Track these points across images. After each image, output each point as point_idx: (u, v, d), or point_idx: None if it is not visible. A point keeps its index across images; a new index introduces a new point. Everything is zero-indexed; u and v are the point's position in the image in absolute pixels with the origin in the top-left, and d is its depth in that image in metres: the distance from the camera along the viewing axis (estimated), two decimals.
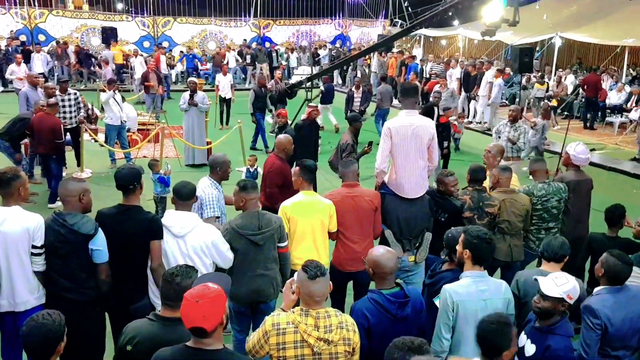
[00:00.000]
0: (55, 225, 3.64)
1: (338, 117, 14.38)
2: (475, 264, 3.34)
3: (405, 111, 4.69)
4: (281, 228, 4.16)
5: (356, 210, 4.52)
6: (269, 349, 2.77)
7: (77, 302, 3.66)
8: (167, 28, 24.61)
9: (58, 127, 8.07)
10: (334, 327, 2.75)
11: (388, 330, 3.02)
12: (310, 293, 2.76)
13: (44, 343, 2.48)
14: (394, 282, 3.21)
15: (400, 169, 4.64)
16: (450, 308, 3.23)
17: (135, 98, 14.80)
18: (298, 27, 27.08)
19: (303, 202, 4.46)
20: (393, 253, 3.27)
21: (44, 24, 22.68)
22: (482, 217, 4.86)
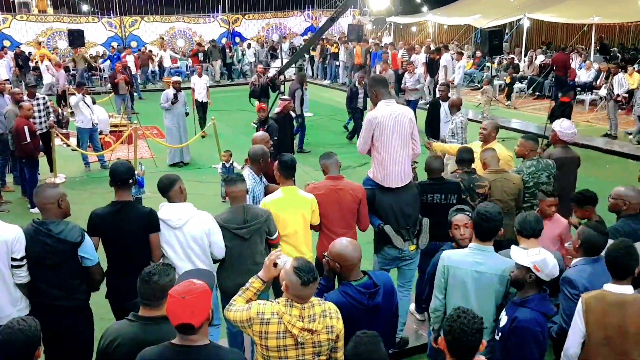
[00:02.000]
0: (39, 236, 3.54)
1: (341, 114, 14.25)
2: (477, 237, 3.52)
3: (383, 101, 4.67)
4: (269, 220, 4.14)
5: (340, 203, 4.48)
6: (252, 333, 2.77)
7: (67, 309, 3.62)
8: (134, 27, 24.26)
9: (20, 128, 7.90)
10: (317, 316, 2.75)
11: (360, 320, 3.02)
12: (301, 296, 2.75)
13: (22, 349, 2.44)
14: (360, 272, 3.20)
15: (386, 159, 4.60)
16: (441, 270, 3.51)
17: (106, 100, 14.57)
18: (268, 20, 26.91)
19: (283, 198, 4.41)
20: (356, 243, 3.24)
21: (8, 29, 22.17)
22: (473, 198, 4.89)
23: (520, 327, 3.05)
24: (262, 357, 2.79)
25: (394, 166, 4.61)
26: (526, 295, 3.14)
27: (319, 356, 2.80)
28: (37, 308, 3.65)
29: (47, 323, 3.54)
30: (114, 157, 10.83)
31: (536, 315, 3.07)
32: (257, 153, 4.83)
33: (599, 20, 16.35)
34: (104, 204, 4.02)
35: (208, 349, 2.43)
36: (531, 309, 3.08)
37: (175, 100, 10.47)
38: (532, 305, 3.10)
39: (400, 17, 24.90)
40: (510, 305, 3.23)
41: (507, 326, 3.13)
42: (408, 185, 4.71)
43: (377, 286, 3.15)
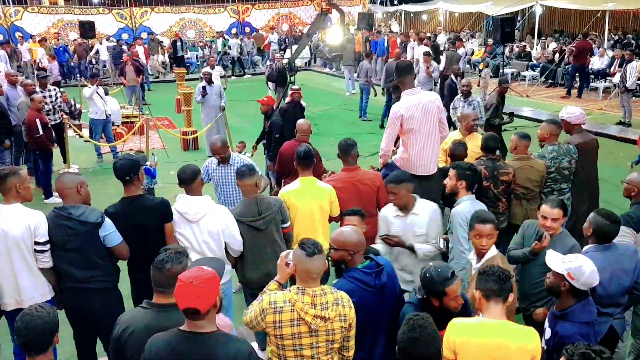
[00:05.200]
0: (60, 220, 3.65)
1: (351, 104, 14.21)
2: (468, 190, 4.09)
3: (407, 91, 4.64)
4: (282, 209, 4.17)
5: (358, 193, 4.50)
6: (265, 325, 2.79)
7: (95, 291, 3.71)
8: (145, 19, 24.29)
9: (32, 121, 7.99)
10: (329, 304, 2.76)
11: (371, 303, 3.05)
12: (307, 270, 2.77)
13: (41, 335, 2.49)
14: (363, 257, 3.24)
15: (416, 148, 4.60)
16: (465, 223, 3.85)
17: (116, 92, 14.65)
18: (278, 10, 26.80)
19: (301, 188, 4.43)
20: (360, 232, 3.28)
21: (20, 21, 22.30)
22: (497, 185, 4.93)
23: (563, 343, 2.90)
24: (277, 348, 2.81)
25: (422, 154, 4.63)
26: (565, 305, 3.03)
27: (332, 344, 2.81)
28: (66, 292, 3.77)
29: (77, 306, 3.71)
30: (126, 147, 10.92)
31: (578, 327, 2.95)
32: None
33: (613, 7, 16.11)
34: (117, 194, 4.07)
35: (215, 336, 2.45)
36: (572, 322, 2.98)
37: (204, 92, 10.44)
38: (573, 318, 2.98)
39: (411, 5, 24.71)
40: (550, 318, 3.17)
41: (550, 341, 3.08)
42: (435, 172, 4.74)
43: (380, 266, 3.19)
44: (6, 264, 3.66)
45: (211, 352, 2.42)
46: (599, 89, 15.08)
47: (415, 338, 2.49)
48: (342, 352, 2.92)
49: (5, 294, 3.73)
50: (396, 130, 4.64)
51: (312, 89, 15.58)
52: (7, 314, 3.82)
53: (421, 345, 2.47)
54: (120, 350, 2.76)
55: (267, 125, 8.04)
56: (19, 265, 3.67)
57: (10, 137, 8.60)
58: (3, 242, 3.61)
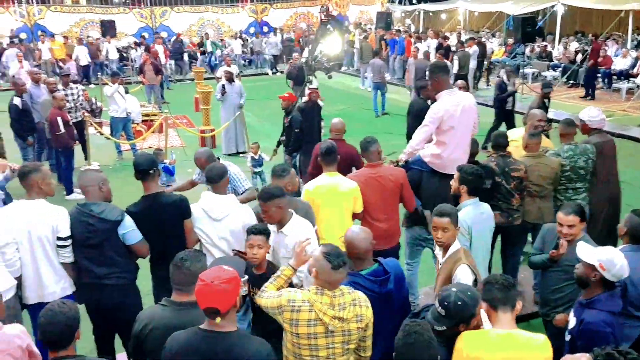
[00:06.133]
0: (82, 217, 3.71)
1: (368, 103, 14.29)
2: (470, 194, 4.05)
3: (446, 91, 4.64)
4: (309, 213, 4.15)
5: (381, 190, 4.49)
6: (282, 320, 2.81)
7: (114, 287, 3.76)
8: (165, 18, 24.49)
9: (54, 119, 8.12)
10: (347, 304, 2.76)
11: (374, 309, 3.00)
12: (331, 281, 2.76)
13: (63, 330, 2.54)
14: (372, 261, 3.22)
15: (451, 147, 4.60)
16: (466, 231, 3.84)
17: (137, 90, 14.79)
18: (295, 9, 26.84)
19: (325, 184, 4.43)
20: (368, 233, 3.26)
21: (43, 20, 22.63)
22: (509, 181, 4.91)
23: (588, 330, 2.98)
24: (292, 345, 2.82)
25: (455, 154, 4.62)
26: (592, 295, 3.04)
27: (348, 345, 2.81)
28: (86, 287, 3.84)
29: (97, 301, 3.77)
30: (145, 145, 11.03)
31: (604, 315, 2.96)
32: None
33: (637, 6, 15.84)
34: (136, 192, 4.11)
35: (234, 336, 2.47)
36: (598, 310, 2.99)
37: (223, 90, 10.51)
38: (599, 306, 3.00)
39: (430, 4, 24.57)
40: (577, 307, 3.17)
41: (575, 328, 3.07)
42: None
43: (387, 273, 3.16)
44: (29, 258, 3.73)
45: (230, 351, 2.43)
46: (622, 90, 14.85)
47: (410, 344, 2.42)
48: (359, 352, 2.92)
49: (27, 288, 3.80)
50: (433, 129, 4.62)
51: (328, 88, 15.56)
52: (29, 308, 3.89)
53: (416, 351, 2.41)
54: (140, 346, 2.80)
55: (286, 121, 8.08)
56: (41, 260, 3.74)
57: (33, 135, 8.75)
58: (26, 237, 3.68)
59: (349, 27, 23.35)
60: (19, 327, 2.89)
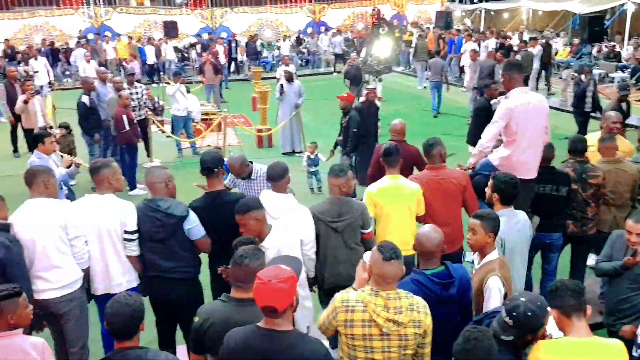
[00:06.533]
0: (149, 212, 3.84)
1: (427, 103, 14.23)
2: (503, 204, 3.81)
3: (518, 89, 4.54)
4: (364, 215, 4.12)
5: (443, 193, 4.42)
6: (336, 324, 2.79)
7: (178, 281, 3.88)
8: (224, 19, 24.99)
9: (119, 117, 8.44)
10: (403, 308, 2.73)
11: (433, 311, 2.96)
12: (383, 274, 2.74)
13: (129, 321, 2.62)
14: (439, 262, 3.18)
15: (520, 149, 4.49)
16: (499, 244, 3.59)
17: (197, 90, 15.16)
18: (353, 9, 26.80)
19: (388, 186, 4.40)
20: (439, 233, 3.22)
21: (110, 21, 23.55)
22: (585, 188, 4.75)
23: None
24: (348, 347, 2.81)
25: (525, 156, 4.50)
26: None
27: (405, 350, 2.77)
28: (151, 281, 3.97)
29: (161, 294, 3.89)
30: (204, 144, 11.29)
31: None
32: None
33: None
34: (195, 188, 4.22)
35: (291, 335, 2.48)
36: None
37: (282, 90, 10.64)
38: None
39: (492, 3, 23.99)
40: None
41: None
42: (532, 178, 4.60)
43: (452, 277, 3.10)
44: (98, 250, 3.88)
45: (287, 350, 2.45)
46: None
47: (469, 350, 2.39)
48: (417, 359, 2.88)
49: (96, 278, 3.96)
50: (501, 127, 4.51)
51: (385, 88, 15.45)
52: (97, 298, 4.05)
53: (475, 358, 2.37)
54: (200, 340, 2.86)
55: (344, 122, 8.08)
56: (110, 252, 3.89)
57: (99, 132, 9.12)
58: (96, 230, 3.83)
59: (406, 27, 23.16)
60: (41, 341, 2.99)
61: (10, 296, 2.89)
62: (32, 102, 9.69)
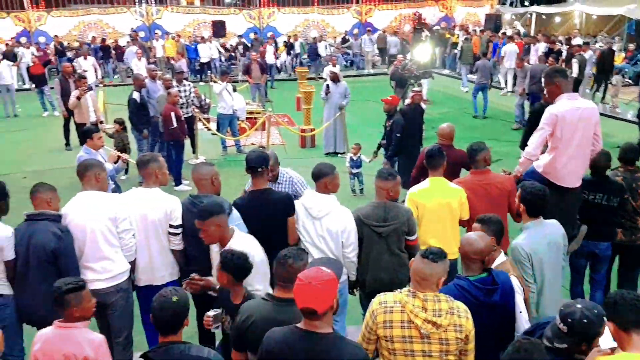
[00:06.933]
0: (193, 208, 3.89)
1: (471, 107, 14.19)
2: (531, 215, 3.67)
3: (566, 95, 4.45)
4: (410, 221, 4.08)
5: (488, 198, 4.36)
6: (376, 328, 2.78)
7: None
8: (272, 19, 25.22)
9: (167, 114, 8.63)
10: (443, 311, 2.70)
11: (475, 317, 2.92)
12: (419, 270, 2.73)
13: (174, 316, 2.68)
14: (480, 270, 3.14)
15: (565, 156, 4.39)
16: (525, 259, 3.50)
17: (242, 88, 15.36)
18: (400, 10, 26.61)
19: (430, 188, 4.38)
20: (484, 240, 3.18)
21: (160, 20, 24.12)
22: (635, 198, 4.62)
23: None
24: (388, 352, 2.80)
25: (572, 165, 4.39)
26: None
27: (447, 355, 2.74)
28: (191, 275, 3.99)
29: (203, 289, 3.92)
30: (248, 142, 11.42)
31: None
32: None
33: None
34: (238, 186, 4.26)
35: (330, 338, 2.48)
36: None
37: (327, 90, 10.68)
38: None
39: (543, 7, 23.40)
40: None
41: None
42: (578, 186, 4.49)
43: (496, 284, 3.06)
44: (143, 243, 3.98)
45: (326, 352, 2.45)
46: None
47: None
48: None
49: (140, 270, 4.06)
50: (547, 134, 4.41)
51: (430, 90, 15.29)
52: (138, 289, 4.16)
53: None
54: (241, 336, 2.90)
55: (388, 125, 8.03)
56: (154, 245, 3.98)
57: (148, 128, 9.35)
58: (142, 223, 3.93)
59: (453, 30, 22.85)
60: (99, 338, 3.04)
61: (75, 289, 2.98)
62: (84, 98, 10.02)
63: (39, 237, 3.69)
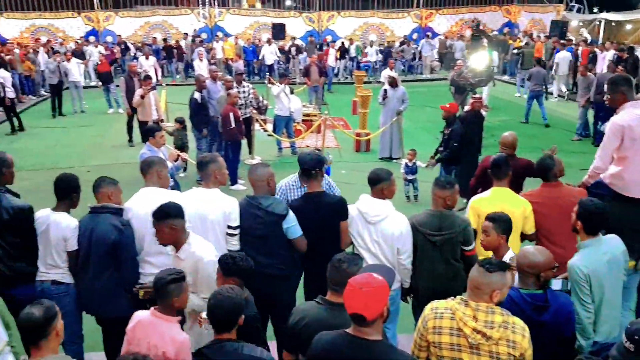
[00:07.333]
0: (251, 208, 3.96)
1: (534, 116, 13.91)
2: (588, 233, 3.47)
3: (631, 103, 4.27)
4: (466, 231, 3.99)
5: (559, 212, 4.14)
6: (426, 334, 2.76)
7: (274, 277, 3.97)
8: (331, 22, 25.34)
9: (226, 114, 8.80)
10: (496, 324, 2.62)
11: None
12: (474, 280, 2.70)
13: (230, 314, 2.71)
14: (536, 286, 3.05)
15: (633, 165, 4.22)
16: (583, 280, 3.31)
17: (300, 91, 15.49)
18: (462, 15, 26.17)
19: (492, 197, 4.27)
20: (542, 254, 3.09)
21: (223, 22, 24.67)
22: None
23: None
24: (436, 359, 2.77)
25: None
26: None
27: None
28: None
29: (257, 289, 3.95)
30: (303, 144, 11.49)
31: None
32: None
33: None
34: None
35: (380, 346, 2.45)
36: None
37: (385, 95, 10.63)
38: None
39: (613, 13, 22.46)
40: None
41: None
42: None
43: (547, 303, 2.96)
44: None
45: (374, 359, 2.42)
46: None
47: None
48: None
49: None
50: (615, 145, 4.23)
51: (490, 97, 14.95)
52: None
53: None
54: (293, 337, 2.91)
55: (446, 132, 7.88)
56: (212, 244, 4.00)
57: (207, 127, 9.56)
58: (202, 223, 3.97)
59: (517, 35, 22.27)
60: (183, 338, 3.02)
61: (177, 280, 3.02)
62: (147, 97, 10.36)
63: (101, 229, 3.82)
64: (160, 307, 3.03)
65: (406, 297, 4.25)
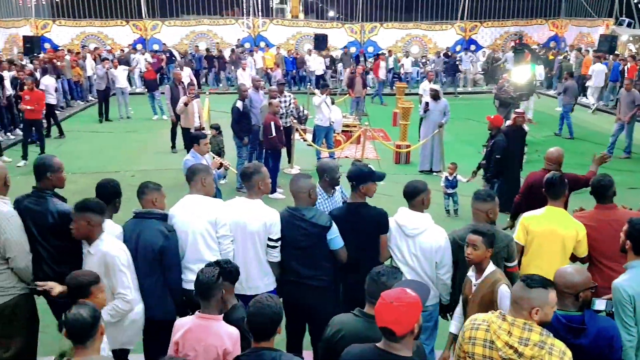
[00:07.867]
0: (294, 220, 3.99)
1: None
2: (637, 253, 3.31)
3: None
4: (509, 247, 3.92)
5: (613, 235, 3.94)
6: (463, 343, 2.78)
7: (315, 288, 4.00)
8: (373, 34, 25.36)
9: (267, 123, 8.91)
10: (531, 342, 2.56)
11: None
12: (514, 294, 2.71)
13: (268, 323, 2.73)
14: (574, 307, 2.97)
15: None
16: (627, 302, 3.18)
17: (341, 102, 15.53)
18: (507, 28, 25.79)
19: (545, 215, 4.17)
20: (580, 274, 3.03)
21: (266, 32, 25.01)
22: None
23: None
24: None
25: None
26: None
27: None
28: (288, 285, 4.10)
29: (295, 299, 4.01)
30: (342, 155, 11.50)
31: None
32: (323, 168, 4.79)
33: None
34: None
35: None
36: None
37: (426, 107, 10.60)
38: None
39: None
40: None
41: None
42: None
43: (584, 325, 2.89)
44: (240, 252, 4.05)
45: None
46: None
47: None
48: None
49: None
50: None
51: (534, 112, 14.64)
52: None
53: None
54: (330, 349, 2.90)
55: (489, 145, 7.79)
56: (251, 256, 4.04)
57: (248, 135, 9.69)
58: (242, 233, 4.02)
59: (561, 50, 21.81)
60: (236, 332, 3.12)
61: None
62: (190, 104, 10.57)
63: (147, 234, 3.87)
64: (203, 310, 3.16)
65: (446, 313, 4.19)
